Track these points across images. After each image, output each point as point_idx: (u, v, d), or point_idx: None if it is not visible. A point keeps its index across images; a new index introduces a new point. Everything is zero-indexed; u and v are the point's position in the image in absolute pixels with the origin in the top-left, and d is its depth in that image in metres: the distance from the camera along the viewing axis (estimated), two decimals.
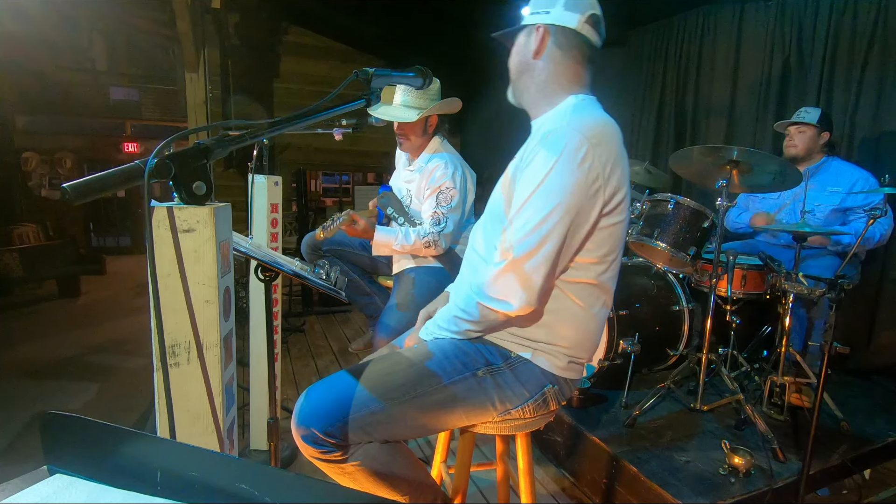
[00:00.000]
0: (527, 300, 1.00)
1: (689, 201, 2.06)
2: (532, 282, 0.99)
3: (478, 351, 1.10)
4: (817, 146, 2.39)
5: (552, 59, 1.12)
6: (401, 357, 1.11)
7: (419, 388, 1.05)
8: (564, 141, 0.98)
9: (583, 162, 0.97)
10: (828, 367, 1.49)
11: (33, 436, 2.14)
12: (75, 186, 0.61)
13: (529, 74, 1.15)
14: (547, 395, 1.10)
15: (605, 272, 1.09)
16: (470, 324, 1.08)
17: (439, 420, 1.09)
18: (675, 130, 3.52)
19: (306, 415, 1.02)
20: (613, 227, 1.05)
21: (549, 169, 0.98)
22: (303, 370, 2.91)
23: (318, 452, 1.02)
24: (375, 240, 2.02)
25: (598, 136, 1.00)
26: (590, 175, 0.98)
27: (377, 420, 1.02)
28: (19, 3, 4.91)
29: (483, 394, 1.07)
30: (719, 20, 3.21)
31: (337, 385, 1.06)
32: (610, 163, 1.00)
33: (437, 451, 1.45)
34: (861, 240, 1.83)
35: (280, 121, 0.85)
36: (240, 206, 1.53)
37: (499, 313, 1.03)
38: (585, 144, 0.97)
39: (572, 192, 0.97)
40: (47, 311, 4.63)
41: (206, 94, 4.39)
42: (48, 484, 0.45)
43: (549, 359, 1.09)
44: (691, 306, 2.36)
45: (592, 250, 1.05)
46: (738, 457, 1.63)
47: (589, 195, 0.99)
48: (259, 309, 1.90)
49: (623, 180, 1.04)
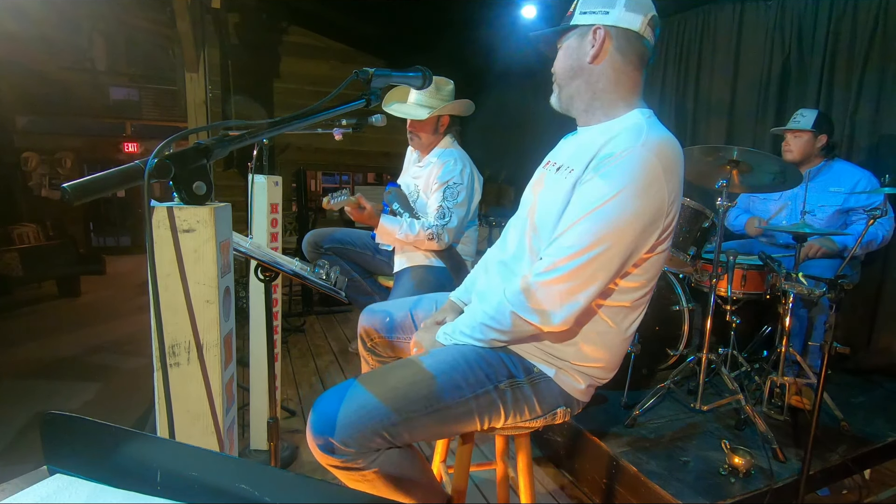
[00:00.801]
0: (566, 318, 0.97)
1: (689, 201, 2.06)
2: (575, 301, 0.96)
3: (501, 361, 1.07)
4: (815, 150, 2.37)
5: (612, 64, 1.04)
6: (421, 367, 1.06)
7: (442, 401, 1.01)
8: (639, 165, 0.93)
9: (652, 189, 0.93)
10: (828, 367, 1.49)
11: (33, 436, 2.14)
12: (75, 186, 0.61)
13: (584, 80, 1.07)
14: (557, 415, 1.09)
15: (645, 296, 1.06)
16: (498, 332, 1.04)
17: (454, 429, 1.07)
18: (676, 130, 3.50)
19: (322, 424, 0.98)
20: (661, 254, 1.02)
21: (619, 191, 0.93)
22: (303, 370, 2.91)
23: (336, 461, 0.98)
24: (380, 227, 2.04)
25: (671, 163, 0.95)
26: (656, 203, 0.94)
27: (397, 431, 0.99)
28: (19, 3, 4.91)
29: (499, 406, 1.05)
30: (719, 20, 3.21)
31: (354, 394, 1.02)
32: (675, 191, 0.96)
33: (437, 451, 1.45)
34: (861, 241, 1.83)
35: (280, 121, 0.85)
36: (240, 206, 1.53)
37: (533, 326, 1.00)
38: (659, 170, 0.93)
39: (636, 220, 0.93)
40: (47, 311, 4.63)
41: (206, 94, 4.39)
42: (48, 484, 0.45)
43: (571, 379, 1.07)
44: (691, 306, 2.36)
45: (639, 275, 1.02)
46: (738, 457, 1.63)
47: (651, 224, 0.95)
48: (259, 309, 1.90)
49: (679, 207, 1.01)
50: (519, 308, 0.99)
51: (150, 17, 4.73)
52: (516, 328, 1.02)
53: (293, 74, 5.06)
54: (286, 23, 4.98)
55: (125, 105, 8.53)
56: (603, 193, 0.94)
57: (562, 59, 1.10)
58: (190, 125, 4.41)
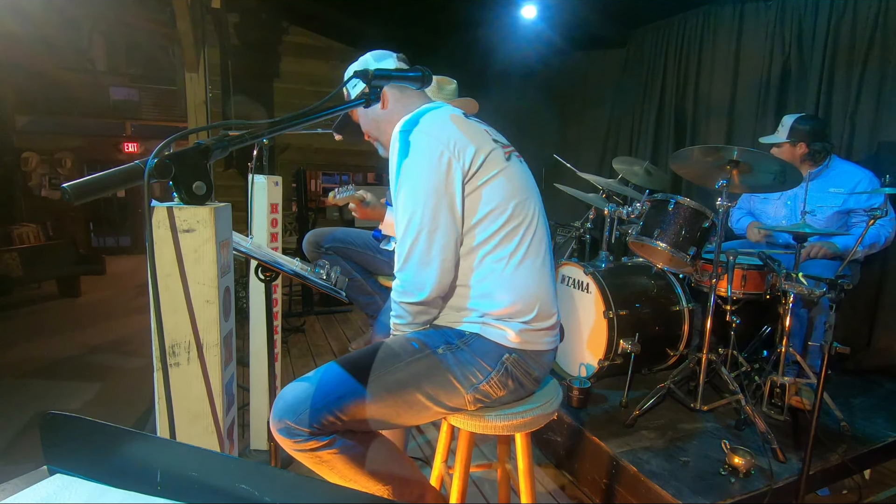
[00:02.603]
0: (436, 282, 1.09)
1: (689, 201, 2.06)
2: (429, 265, 1.08)
3: (439, 333, 1.16)
4: (796, 158, 2.32)
5: (393, 99, 1.26)
6: (367, 350, 1.16)
7: (381, 368, 1.09)
8: (398, 142, 1.10)
9: (418, 149, 1.08)
10: (828, 367, 1.49)
11: (33, 436, 2.14)
12: (75, 186, 0.61)
13: (384, 122, 1.27)
14: (507, 365, 1.12)
15: (511, 224, 1.13)
16: (406, 323, 1.17)
17: (407, 400, 1.11)
18: (675, 130, 3.52)
19: (279, 409, 1.06)
20: (488, 182, 1.11)
21: (400, 167, 1.09)
22: (303, 370, 2.90)
23: (293, 443, 1.05)
24: (386, 219, 2.03)
25: (428, 123, 1.10)
26: (433, 157, 1.07)
27: (346, 404, 1.05)
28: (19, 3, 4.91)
29: (445, 371, 1.10)
30: (719, 20, 3.22)
31: (308, 378, 1.10)
32: (450, 139, 1.09)
33: (437, 452, 1.45)
34: (861, 242, 1.82)
35: (280, 121, 0.85)
36: (240, 206, 1.53)
37: (421, 304, 1.11)
38: (418, 134, 1.08)
39: (425, 179, 1.07)
40: (47, 311, 4.63)
41: (206, 94, 4.38)
42: (48, 484, 0.45)
43: (497, 330, 1.12)
44: (691, 306, 2.36)
45: (483, 208, 1.11)
46: (738, 457, 1.63)
47: (439, 174, 1.07)
48: (259, 309, 1.90)
49: (481, 144, 1.12)
50: (400, 296, 1.14)
51: (150, 17, 4.73)
52: (412, 313, 1.15)
53: (293, 74, 5.06)
54: (286, 23, 4.98)
55: (125, 105, 8.52)
56: (396, 175, 1.12)
57: (363, 123, 1.34)
58: (190, 125, 4.40)
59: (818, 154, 2.33)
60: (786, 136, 2.32)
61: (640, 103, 3.80)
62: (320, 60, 5.13)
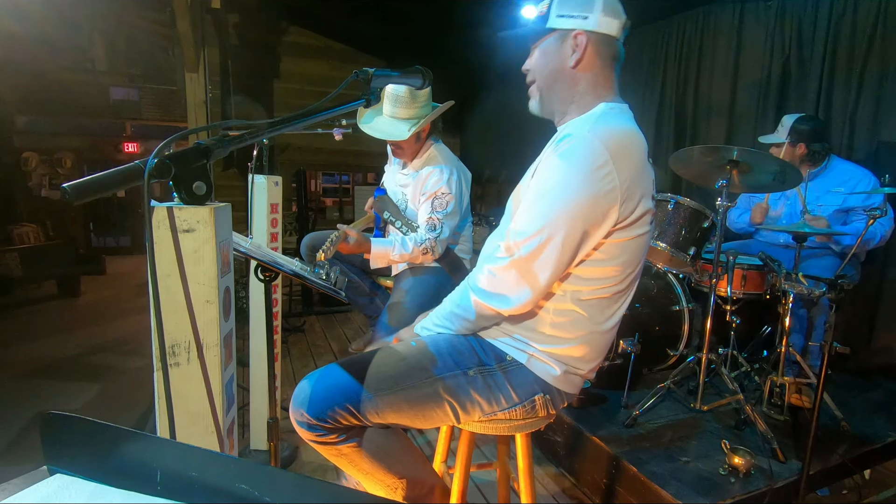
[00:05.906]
0: (523, 302, 0.99)
1: (689, 201, 2.06)
2: (529, 284, 0.98)
3: (472, 350, 1.09)
4: (795, 158, 2.34)
5: (592, 68, 1.06)
6: (393, 351, 1.11)
7: (408, 380, 1.06)
8: (584, 150, 0.94)
9: (598, 174, 0.93)
10: (828, 367, 1.49)
11: (33, 436, 2.14)
12: (75, 186, 0.61)
13: (565, 84, 1.08)
14: (536, 403, 1.09)
15: (620, 286, 1.05)
16: (464, 319, 1.08)
17: (426, 413, 1.09)
18: (675, 130, 3.52)
19: (300, 401, 1.05)
20: (631, 239, 1.01)
21: (563, 175, 0.95)
22: (303, 370, 2.91)
23: (312, 436, 1.05)
24: (373, 252, 2.02)
25: (623, 150, 0.95)
26: (604, 188, 0.93)
27: (364, 408, 1.04)
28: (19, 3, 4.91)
29: (471, 393, 1.07)
30: (719, 20, 3.21)
31: (330, 374, 1.08)
32: (631, 179, 0.95)
33: (437, 452, 1.45)
34: (861, 240, 1.82)
35: (280, 121, 0.85)
36: (240, 206, 1.53)
37: (493, 311, 1.03)
38: (607, 156, 0.93)
39: (581, 204, 0.94)
40: (47, 311, 4.63)
41: (206, 94, 4.38)
42: (48, 484, 0.45)
43: (545, 365, 1.07)
44: (691, 306, 2.36)
45: (607, 262, 1.01)
46: (738, 457, 1.63)
47: (598, 208, 0.95)
48: (259, 309, 1.90)
49: (645, 193, 1.00)
50: (479, 294, 1.03)
51: (150, 17, 4.74)
52: (479, 314, 1.05)
53: (293, 74, 5.05)
54: (286, 23, 4.98)
55: (125, 105, 8.53)
56: (548, 178, 0.97)
57: (540, 62, 1.10)
58: (190, 125, 4.41)
59: (817, 155, 2.35)
60: (786, 136, 2.33)
61: (639, 103, 3.79)
62: (320, 60, 5.13)
